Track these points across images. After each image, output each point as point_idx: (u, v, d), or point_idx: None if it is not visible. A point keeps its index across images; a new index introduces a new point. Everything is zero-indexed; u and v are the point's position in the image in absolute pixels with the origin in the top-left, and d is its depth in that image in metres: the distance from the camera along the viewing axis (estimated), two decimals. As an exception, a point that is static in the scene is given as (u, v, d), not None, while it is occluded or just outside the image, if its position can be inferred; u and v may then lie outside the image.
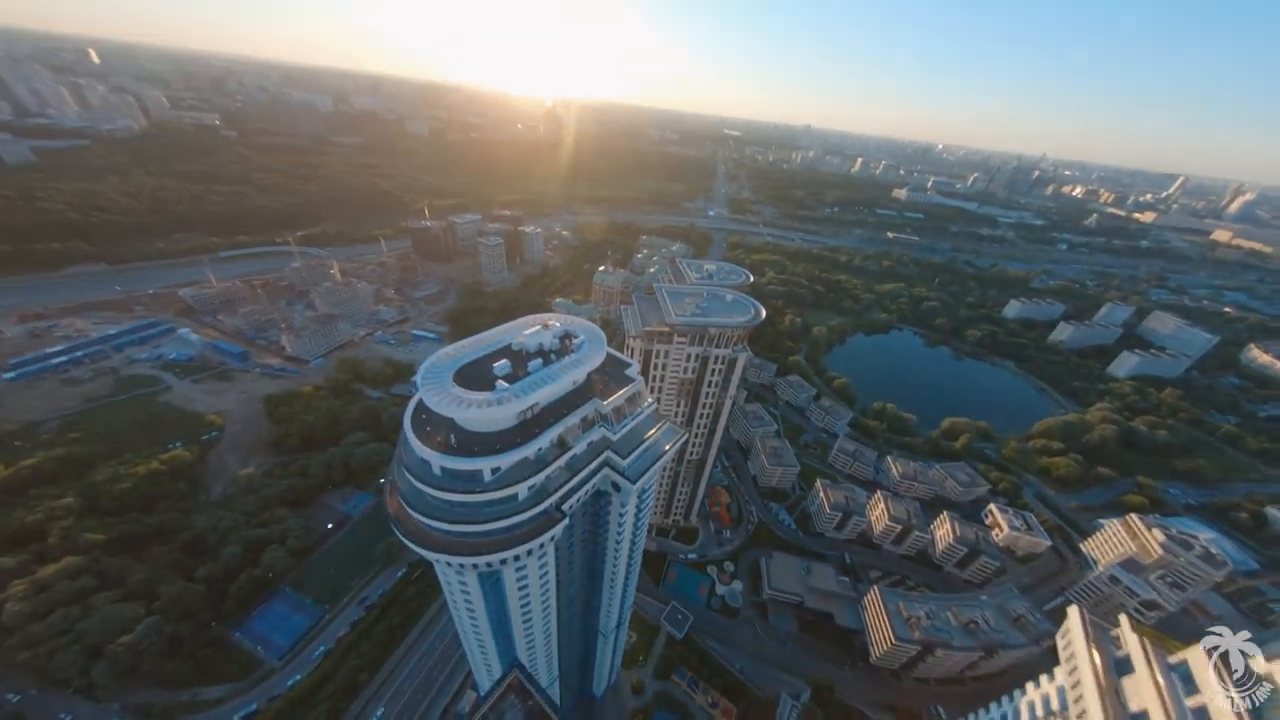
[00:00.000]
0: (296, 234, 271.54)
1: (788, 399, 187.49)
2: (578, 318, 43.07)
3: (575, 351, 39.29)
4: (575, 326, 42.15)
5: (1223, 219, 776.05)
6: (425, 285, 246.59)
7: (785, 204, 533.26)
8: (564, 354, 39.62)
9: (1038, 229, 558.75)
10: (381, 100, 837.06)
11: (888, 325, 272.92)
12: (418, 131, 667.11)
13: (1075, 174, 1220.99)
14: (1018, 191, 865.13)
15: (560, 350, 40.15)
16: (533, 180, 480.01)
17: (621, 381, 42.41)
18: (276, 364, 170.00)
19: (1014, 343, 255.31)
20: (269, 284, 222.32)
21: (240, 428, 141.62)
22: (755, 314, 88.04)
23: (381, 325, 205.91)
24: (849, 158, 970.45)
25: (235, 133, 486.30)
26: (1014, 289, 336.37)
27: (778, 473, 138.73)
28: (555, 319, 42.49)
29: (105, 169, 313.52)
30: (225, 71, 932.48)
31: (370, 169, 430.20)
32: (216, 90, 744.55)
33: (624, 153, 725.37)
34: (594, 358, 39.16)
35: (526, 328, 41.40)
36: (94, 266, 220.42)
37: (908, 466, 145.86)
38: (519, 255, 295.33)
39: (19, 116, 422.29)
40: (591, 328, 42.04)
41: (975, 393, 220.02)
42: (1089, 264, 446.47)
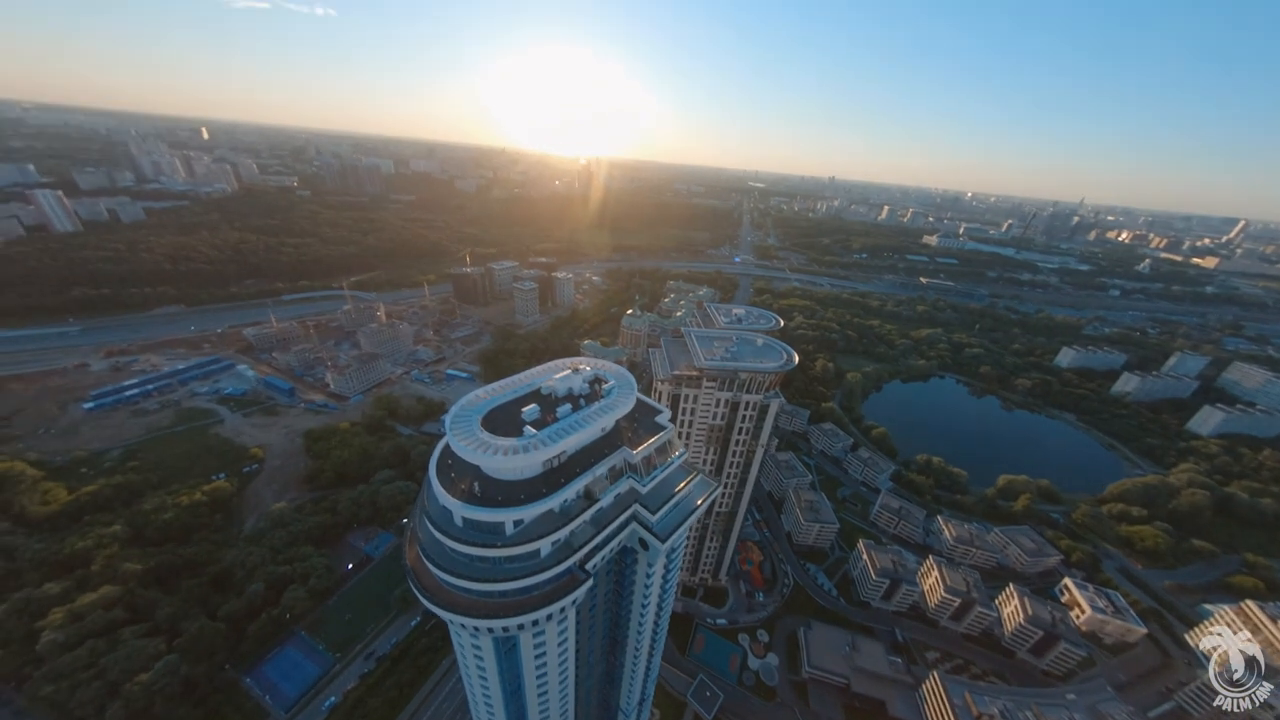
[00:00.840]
0: (351, 280, 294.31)
1: (822, 448, 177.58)
2: (608, 362, 42.40)
3: (605, 397, 38.25)
4: (605, 371, 41.41)
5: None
6: (462, 327, 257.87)
7: (812, 250, 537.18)
8: (593, 399, 38.61)
9: (1084, 274, 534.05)
10: (436, 163, 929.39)
11: (927, 372, 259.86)
12: (466, 189, 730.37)
13: (1119, 219, 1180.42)
14: (1057, 237, 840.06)
15: (590, 395, 39.21)
16: (567, 230, 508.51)
17: (651, 429, 40.60)
18: (319, 400, 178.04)
19: (1071, 393, 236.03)
20: (321, 325, 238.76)
21: (279, 461, 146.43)
22: (787, 359, 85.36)
23: (418, 364, 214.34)
24: (875, 206, 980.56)
25: (309, 192, 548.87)
26: (1064, 336, 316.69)
27: (814, 529, 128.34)
28: (585, 363, 41.99)
29: (199, 225, 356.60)
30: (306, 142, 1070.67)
31: (421, 222, 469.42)
32: (297, 158, 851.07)
33: (651, 205, 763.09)
34: (624, 404, 37.90)
35: (556, 371, 41.01)
36: (176, 308, 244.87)
37: (962, 529, 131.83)
38: (551, 299, 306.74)
39: (139, 183, 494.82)
40: (622, 372, 41.15)
41: (1031, 447, 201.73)
42: (1147, 311, 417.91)
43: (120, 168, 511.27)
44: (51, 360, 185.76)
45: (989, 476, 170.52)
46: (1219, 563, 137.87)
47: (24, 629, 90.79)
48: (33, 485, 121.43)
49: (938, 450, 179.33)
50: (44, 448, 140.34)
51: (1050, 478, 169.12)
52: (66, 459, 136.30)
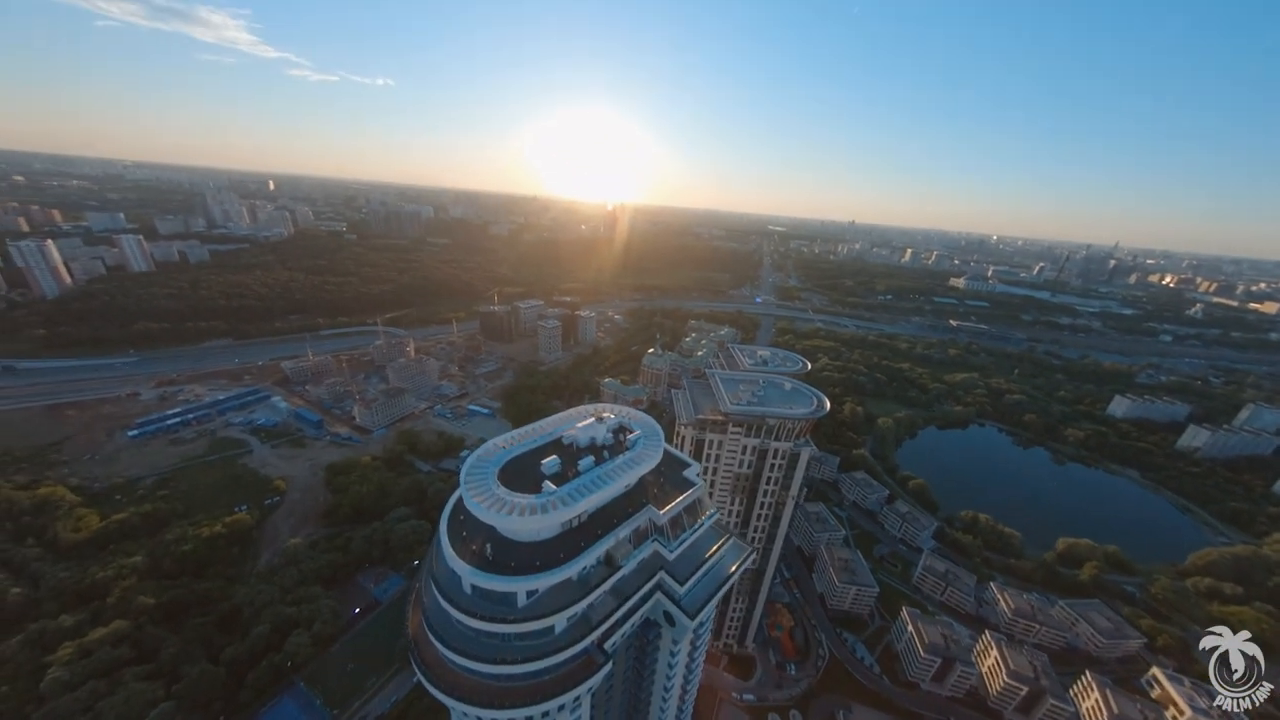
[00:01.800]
0: (385, 316, 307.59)
1: (855, 499, 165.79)
2: (633, 410, 39.99)
3: (630, 449, 35.51)
4: (631, 419, 38.90)
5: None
6: (486, 363, 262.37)
7: (834, 292, 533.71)
8: (618, 450, 35.93)
9: (1129, 319, 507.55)
10: (472, 209, 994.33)
11: (965, 419, 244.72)
12: (498, 233, 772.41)
13: (1160, 262, 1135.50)
14: (1094, 280, 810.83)
15: (614, 446, 36.58)
16: (591, 271, 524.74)
17: (679, 485, 37.25)
18: (345, 432, 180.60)
19: (1131, 447, 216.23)
20: (354, 358, 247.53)
21: (300, 494, 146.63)
22: (818, 405, 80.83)
23: (442, 399, 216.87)
24: (897, 249, 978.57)
25: (356, 236, 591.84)
26: (1115, 384, 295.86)
27: (850, 593, 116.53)
28: (610, 410, 39.70)
29: (255, 265, 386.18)
30: (357, 191, 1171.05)
31: (454, 263, 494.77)
32: (348, 205, 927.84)
33: (673, 247, 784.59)
34: (650, 458, 35.04)
35: (579, 419, 38.78)
36: (225, 341, 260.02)
37: (1021, 600, 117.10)
38: (573, 336, 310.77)
39: (209, 228, 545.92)
40: (648, 421, 38.57)
41: (1091, 506, 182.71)
42: (1205, 358, 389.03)
43: (195, 215, 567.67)
44: (108, 389, 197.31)
45: (1045, 538, 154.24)
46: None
47: (33, 663, 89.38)
48: (69, 511, 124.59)
49: (983, 506, 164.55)
50: (87, 473, 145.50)
51: (1118, 543, 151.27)
52: (105, 485, 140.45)
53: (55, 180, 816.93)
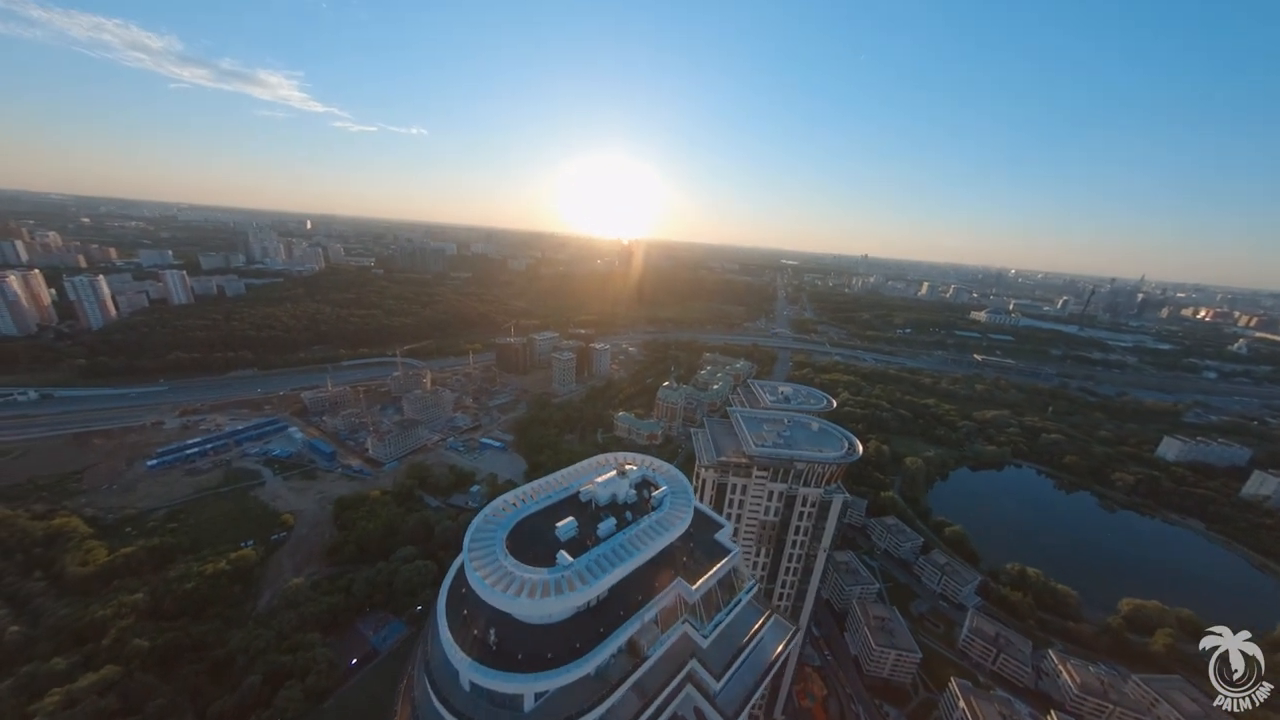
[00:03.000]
0: (404, 347, 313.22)
1: (887, 547, 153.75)
2: (658, 460, 36.05)
3: (656, 509, 31.33)
4: (656, 472, 34.93)
5: None
6: (500, 395, 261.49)
7: (851, 325, 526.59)
8: (641, 510, 31.83)
9: (1168, 355, 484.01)
10: (493, 245, 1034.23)
11: (999, 460, 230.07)
12: (517, 267, 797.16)
13: (1193, 296, 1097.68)
14: (1122, 314, 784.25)
15: (637, 505, 32.51)
16: (606, 304, 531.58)
17: (712, 552, 32.59)
18: (357, 465, 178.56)
19: (1190, 494, 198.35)
20: (371, 389, 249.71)
21: (307, 529, 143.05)
22: (849, 449, 75.14)
23: (455, 431, 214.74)
24: (913, 282, 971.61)
25: (383, 271, 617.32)
26: (1160, 423, 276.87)
27: (890, 658, 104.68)
28: (631, 461, 35.87)
29: (286, 298, 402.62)
30: (385, 229, 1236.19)
31: (474, 296, 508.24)
32: (376, 242, 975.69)
33: (686, 280, 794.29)
34: (679, 519, 30.79)
35: (599, 472, 35.00)
36: (250, 371, 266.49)
37: (1088, 675, 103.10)
38: (587, 369, 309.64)
39: (247, 264, 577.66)
40: (676, 476, 34.54)
41: (1150, 561, 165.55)
42: (1258, 397, 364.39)
43: (237, 252, 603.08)
44: (136, 417, 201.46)
45: (1104, 597, 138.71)
46: None
47: (18, 711, 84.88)
48: (79, 544, 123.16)
49: (1029, 558, 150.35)
50: (102, 504, 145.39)
51: (1189, 605, 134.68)
52: (117, 516, 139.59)
53: (117, 221, 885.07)
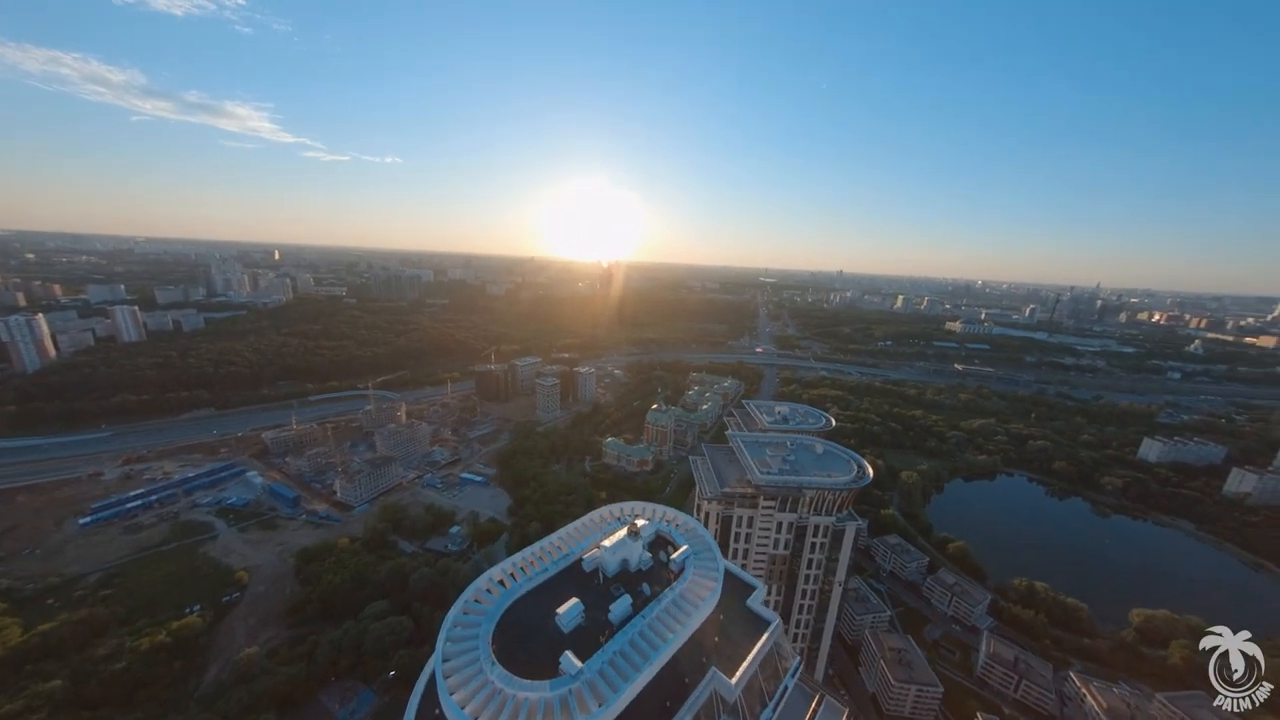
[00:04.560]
0: (378, 379, 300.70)
1: (892, 569, 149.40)
2: (671, 510, 31.32)
3: (680, 576, 26.13)
4: (671, 527, 30.06)
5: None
6: (481, 425, 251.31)
7: (833, 339, 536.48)
8: (660, 577, 26.77)
9: (1132, 357, 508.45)
10: (471, 271, 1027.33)
11: (992, 469, 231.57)
12: (496, 292, 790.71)
13: (1145, 301, 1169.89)
14: (1085, 320, 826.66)
15: (654, 571, 27.43)
16: (589, 327, 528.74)
17: (747, 626, 26.99)
18: (323, 510, 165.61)
19: (1176, 495, 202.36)
20: (341, 425, 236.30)
21: (265, 587, 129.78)
22: (859, 472, 71.72)
23: (432, 467, 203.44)
24: (889, 295, 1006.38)
25: (355, 300, 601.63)
26: (1136, 425, 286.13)
27: (910, 694, 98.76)
28: (642, 514, 30.98)
29: (249, 331, 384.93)
30: (359, 258, 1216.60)
31: (451, 323, 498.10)
32: (349, 271, 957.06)
33: (668, 300, 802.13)
34: (708, 589, 25.65)
35: (605, 531, 29.90)
36: (207, 411, 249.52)
37: (1112, 697, 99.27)
38: (572, 394, 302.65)
39: (208, 297, 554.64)
40: (695, 528, 29.88)
41: (1149, 566, 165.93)
42: (1221, 395, 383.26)
43: (197, 285, 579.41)
44: (71, 469, 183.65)
45: (1111, 608, 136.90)
46: None
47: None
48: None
49: (1033, 570, 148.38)
50: (21, 572, 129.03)
51: (1193, 609, 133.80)
52: (38, 586, 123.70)
53: (65, 257, 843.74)
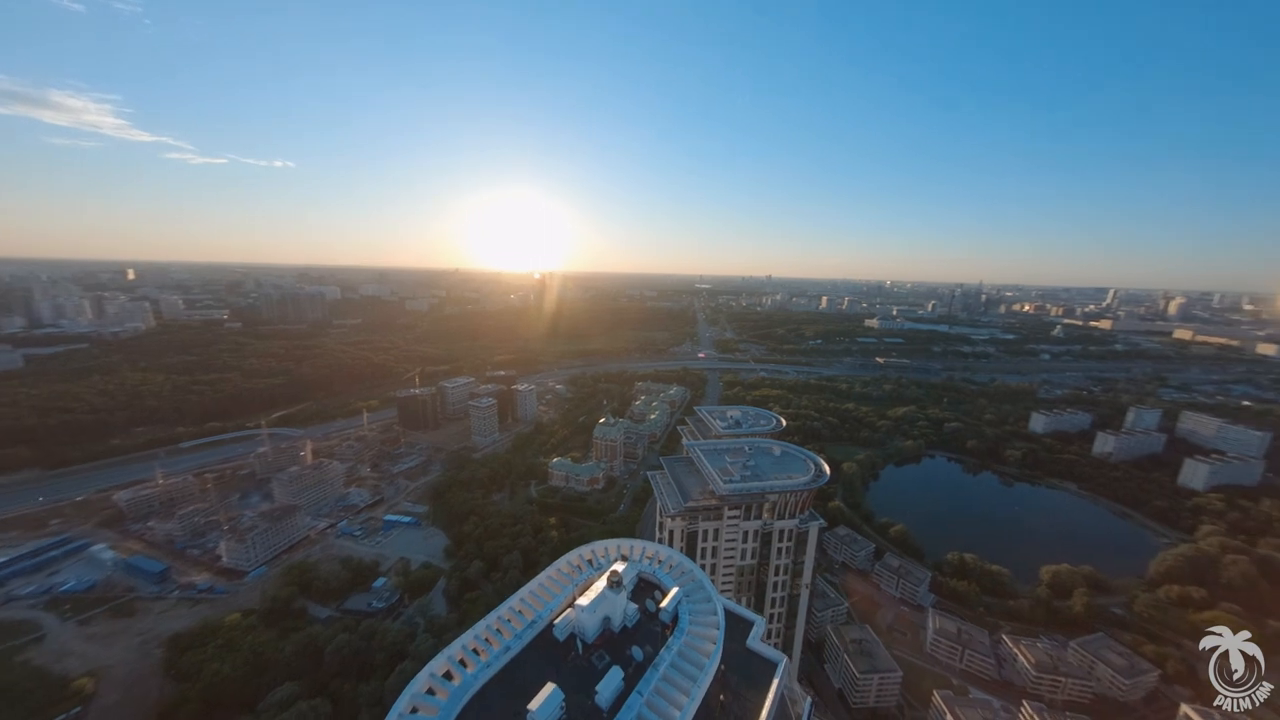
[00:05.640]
0: (274, 415, 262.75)
1: (844, 559, 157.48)
2: (650, 544, 27.71)
3: (675, 629, 22.18)
4: (654, 565, 26.27)
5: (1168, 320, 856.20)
6: (407, 458, 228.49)
7: (769, 341, 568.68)
8: (651, 635, 22.84)
9: (1013, 343, 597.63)
10: (386, 287, 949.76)
11: (917, 453, 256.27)
12: (417, 309, 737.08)
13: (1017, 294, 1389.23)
14: (975, 313, 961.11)
15: (642, 627, 23.42)
16: (526, 341, 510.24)
17: (750, 672, 23.52)
18: (203, 582, 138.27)
19: (1060, 460, 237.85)
20: (226, 475, 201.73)
21: (120, 695, 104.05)
22: (817, 471, 73.56)
23: (349, 512, 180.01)
24: (814, 297, 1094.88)
25: (240, 324, 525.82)
26: (1025, 402, 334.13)
27: (874, 683, 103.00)
28: (621, 556, 26.83)
29: (92, 369, 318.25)
30: (245, 275, 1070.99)
31: (365, 345, 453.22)
32: (233, 291, 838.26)
33: (608, 310, 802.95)
34: (709, 639, 22.28)
35: (576, 581, 25.46)
36: (29, 473, 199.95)
37: (1038, 652, 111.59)
38: (511, 414, 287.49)
39: (29, 328, 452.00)
40: (682, 564, 26.47)
41: (1047, 525, 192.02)
42: (1080, 371, 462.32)
43: (13, 314, 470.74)
44: None
45: (1026, 567, 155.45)
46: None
47: None
48: None
49: (961, 543, 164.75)
50: None
51: (1085, 559, 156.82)
52: None
53: None
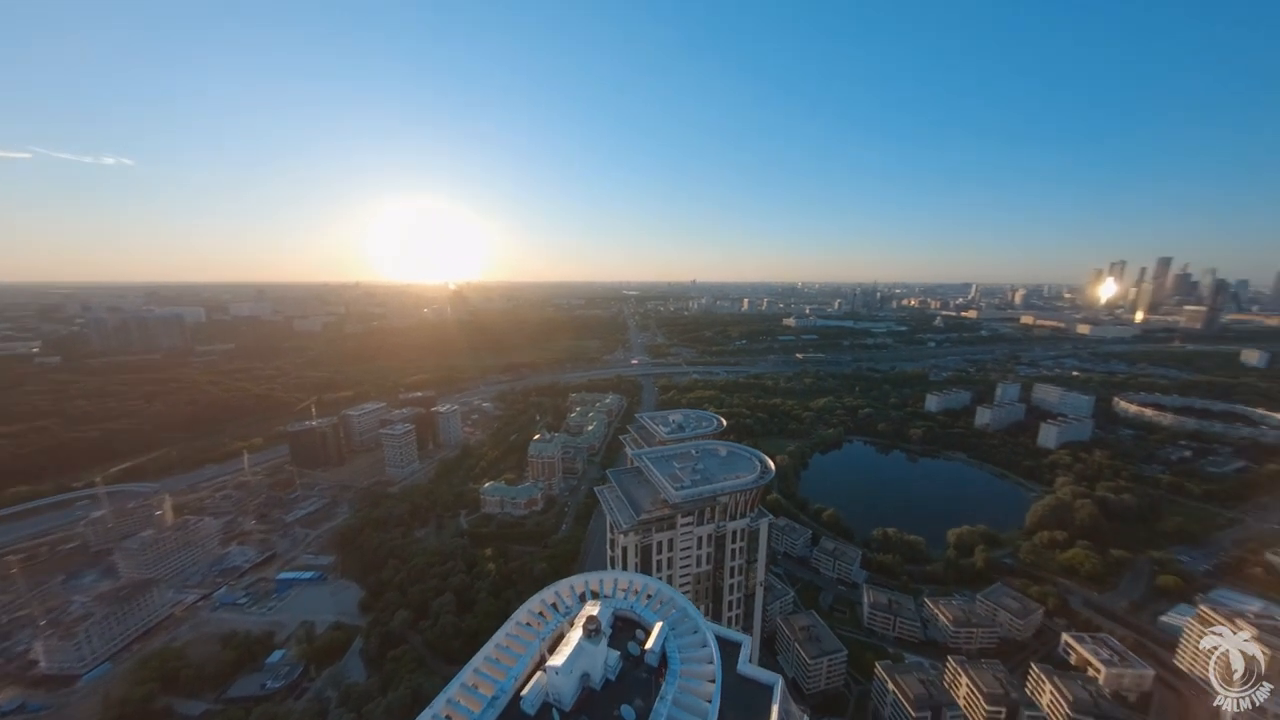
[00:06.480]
0: (114, 469, 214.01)
1: (784, 549, 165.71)
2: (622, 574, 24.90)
3: (668, 679, 19.28)
4: (632, 601, 23.30)
5: (1016, 309, 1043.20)
6: (304, 502, 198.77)
7: (699, 343, 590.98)
8: (640, 684, 19.92)
9: (905, 334, 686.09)
10: (266, 305, 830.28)
11: (839, 440, 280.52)
12: (309, 328, 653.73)
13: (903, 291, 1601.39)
14: (873, 309, 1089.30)
15: (627, 676, 20.35)
16: (445, 358, 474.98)
17: (746, 703, 21.30)
18: (8, 701, 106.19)
19: (951, 434, 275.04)
20: (42, 553, 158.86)
21: None
22: (763, 468, 75.60)
23: (229, 577, 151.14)
24: (736, 300, 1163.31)
25: (59, 358, 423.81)
26: (919, 385, 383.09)
27: (823, 666, 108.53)
28: (590, 593, 23.48)
29: None
30: (65, 298, 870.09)
31: (241, 373, 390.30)
32: (47, 318, 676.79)
33: (535, 320, 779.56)
34: (705, 678, 19.86)
35: (545, 632, 21.62)
36: None
37: (954, 609, 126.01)
38: (433, 439, 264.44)
39: None
40: (659, 590, 23.95)
41: (949, 493, 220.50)
42: (958, 355, 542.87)
43: None
44: None
45: (935, 534, 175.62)
46: (1136, 568, 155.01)
47: None
48: None
49: (883, 518, 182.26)
50: None
51: (980, 520, 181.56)
52: None
53: None
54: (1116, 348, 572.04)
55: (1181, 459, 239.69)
